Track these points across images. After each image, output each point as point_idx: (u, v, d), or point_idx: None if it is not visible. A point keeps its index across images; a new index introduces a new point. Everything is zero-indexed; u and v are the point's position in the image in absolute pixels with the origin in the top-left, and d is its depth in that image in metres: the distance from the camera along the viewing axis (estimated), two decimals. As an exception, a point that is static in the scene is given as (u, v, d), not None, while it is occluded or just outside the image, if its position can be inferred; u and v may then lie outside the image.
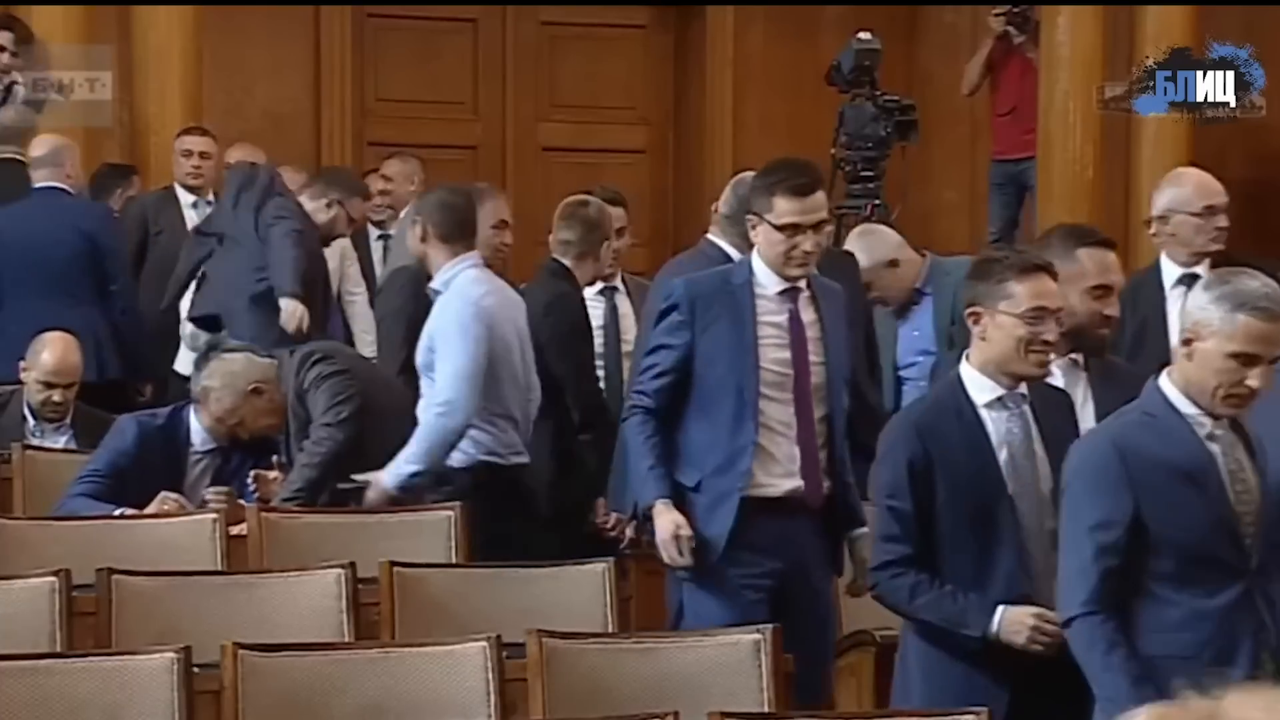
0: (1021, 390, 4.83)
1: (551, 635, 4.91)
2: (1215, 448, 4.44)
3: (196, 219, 9.32)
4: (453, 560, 6.14)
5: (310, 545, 6.10)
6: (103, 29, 10.08)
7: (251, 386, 6.70)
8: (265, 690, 4.72)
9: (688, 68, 12.34)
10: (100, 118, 9.73)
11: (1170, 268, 6.62)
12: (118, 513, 6.36)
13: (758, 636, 4.99)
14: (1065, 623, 4.47)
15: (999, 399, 4.81)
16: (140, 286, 8.94)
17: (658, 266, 7.78)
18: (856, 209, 10.02)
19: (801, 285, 5.59)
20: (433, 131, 11.71)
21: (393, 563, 5.59)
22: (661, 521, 5.53)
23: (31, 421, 7.64)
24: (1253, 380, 4.35)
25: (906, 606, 4.84)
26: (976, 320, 4.81)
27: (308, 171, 9.73)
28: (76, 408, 7.67)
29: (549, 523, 6.83)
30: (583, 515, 6.98)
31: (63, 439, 7.59)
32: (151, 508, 6.42)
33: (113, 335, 8.62)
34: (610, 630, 5.55)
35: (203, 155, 9.51)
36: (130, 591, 5.41)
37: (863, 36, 10.15)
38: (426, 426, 6.45)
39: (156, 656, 4.71)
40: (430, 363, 6.52)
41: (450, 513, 6.30)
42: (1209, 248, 6.60)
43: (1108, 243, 5.42)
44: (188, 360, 8.07)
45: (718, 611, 5.50)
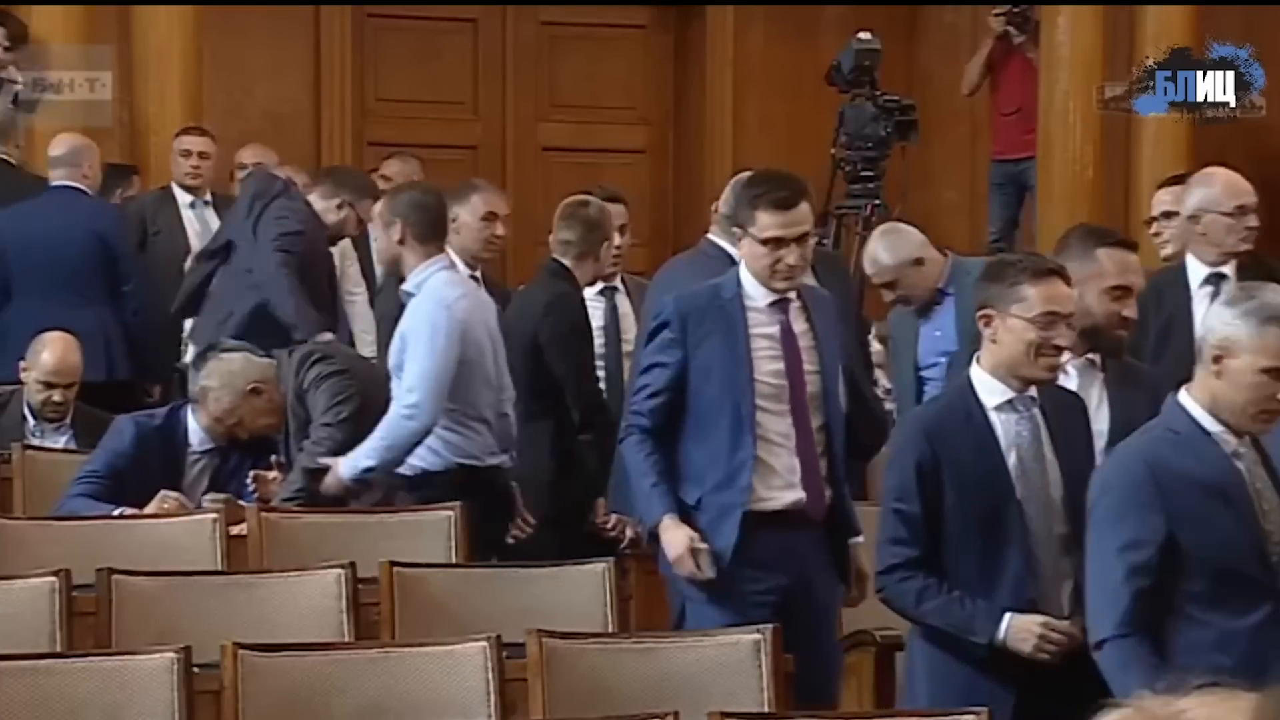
0: (1032, 393, 4.81)
1: (551, 635, 4.91)
2: (1240, 465, 4.40)
3: (194, 219, 9.32)
4: (453, 560, 6.14)
5: (310, 545, 6.10)
6: (103, 29, 10.08)
7: (250, 386, 6.70)
8: (265, 690, 4.71)
9: (688, 68, 12.33)
10: (100, 118, 9.72)
11: (1196, 267, 6.57)
12: (117, 512, 6.35)
13: (758, 636, 4.98)
14: (1097, 644, 4.39)
15: (1009, 402, 4.79)
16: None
17: (658, 266, 7.77)
18: (856, 209, 10.02)
19: (791, 296, 5.54)
20: (433, 131, 11.70)
21: (393, 563, 5.58)
22: (671, 537, 5.45)
23: (31, 421, 7.64)
24: None
25: (913, 611, 4.83)
26: (988, 322, 4.79)
27: (308, 171, 9.72)
28: (76, 408, 7.67)
29: (549, 523, 6.84)
30: (583, 515, 6.98)
31: (63, 439, 7.59)
32: (151, 506, 6.42)
33: (123, 336, 8.63)
34: (610, 630, 5.54)
35: (201, 155, 9.51)
36: (130, 591, 5.41)
37: (863, 36, 10.15)
38: (390, 425, 6.43)
39: (156, 656, 4.71)
40: (401, 363, 6.49)
41: (450, 513, 6.29)
42: (1238, 247, 6.56)
43: (1128, 243, 5.39)
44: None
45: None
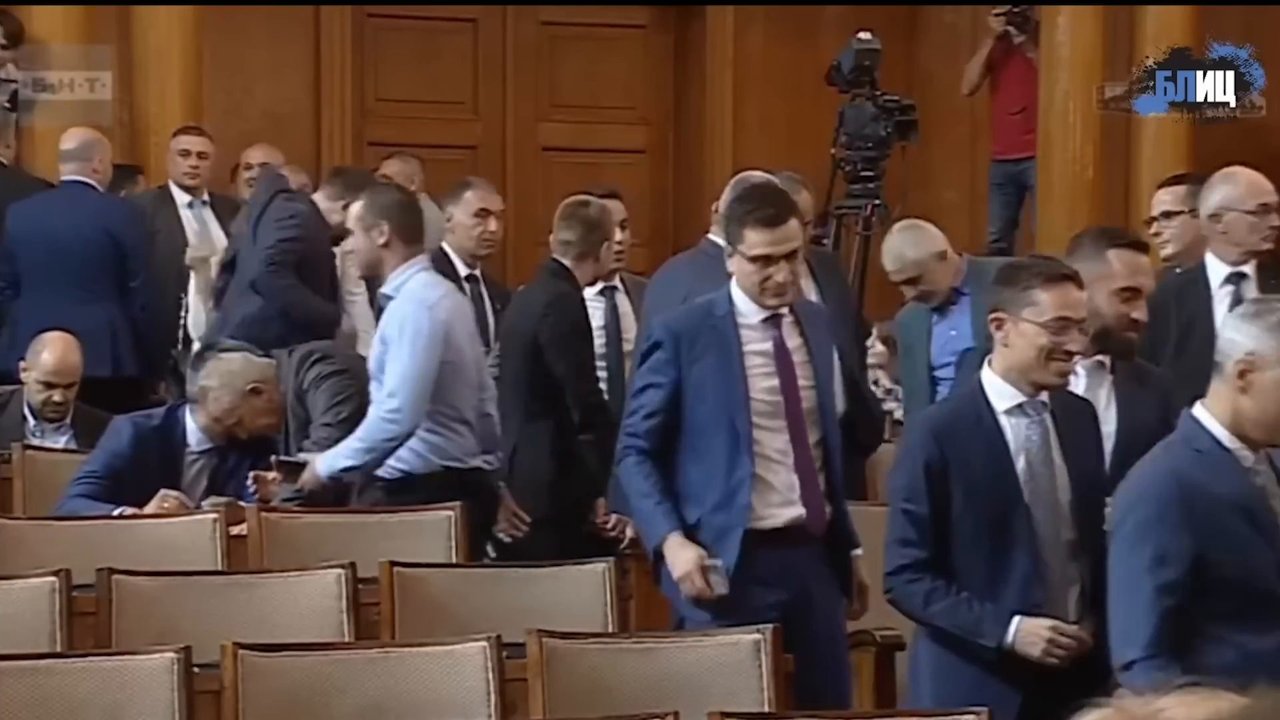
0: (1043, 398, 4.80)
1: (551, 635, 4.91)
2: (1259, 481, 4.36)
3: (192, 219, 9.33)
4: (453, 560, 6.14)
5: (310, 545, 6.09)
6: (103, 29, 10.08)
7: (250, 386, 6.69)
8: (265, 690, 4.71)
9: (688, 68, 12.33)
10: (100, 118, 9.71)
11: (1217, 266, 6.52)
12: (117, 512, 6.35)
13: (758, 636, 4.98)
14: (1125, 665, 4.31)
15: (1019, 406, 4.78)
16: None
17: (658, 266, 7.77)
18: (856, 209, 10.02)
19: (784, 310, 5.51)
20: (433, 131, 11.70)
21: (393, 563, 5.58)
22: (678, 556, 5.39)
23: (31, 421, 7.64)
24: None
25: (921, 612, 4.83)
26: (999, 326, 4.78)
27: (307, 171, 9.72)
28: (76, 408, 7.67)
29: (549, 523, 6.84)
30: (583, 515, 6.98)
31: (63, 439, 7.59)
32: (151, 505, 6.41)
33: (130, 331, 8.64)
34: (610, 630, 5.54)
35: (200, 155, 9.50)
36: (130, 591, 5.41)
37: (863, 36, 10.15)
38: (371, 428, 6.40)
39: (156, 656, 4.71)
40: (382, 365, 6.45)
41: (450, 513, 6.29)
42: (1260, 246, 6.52)
43: (1139, 245, 5.37)
44: None
45: None
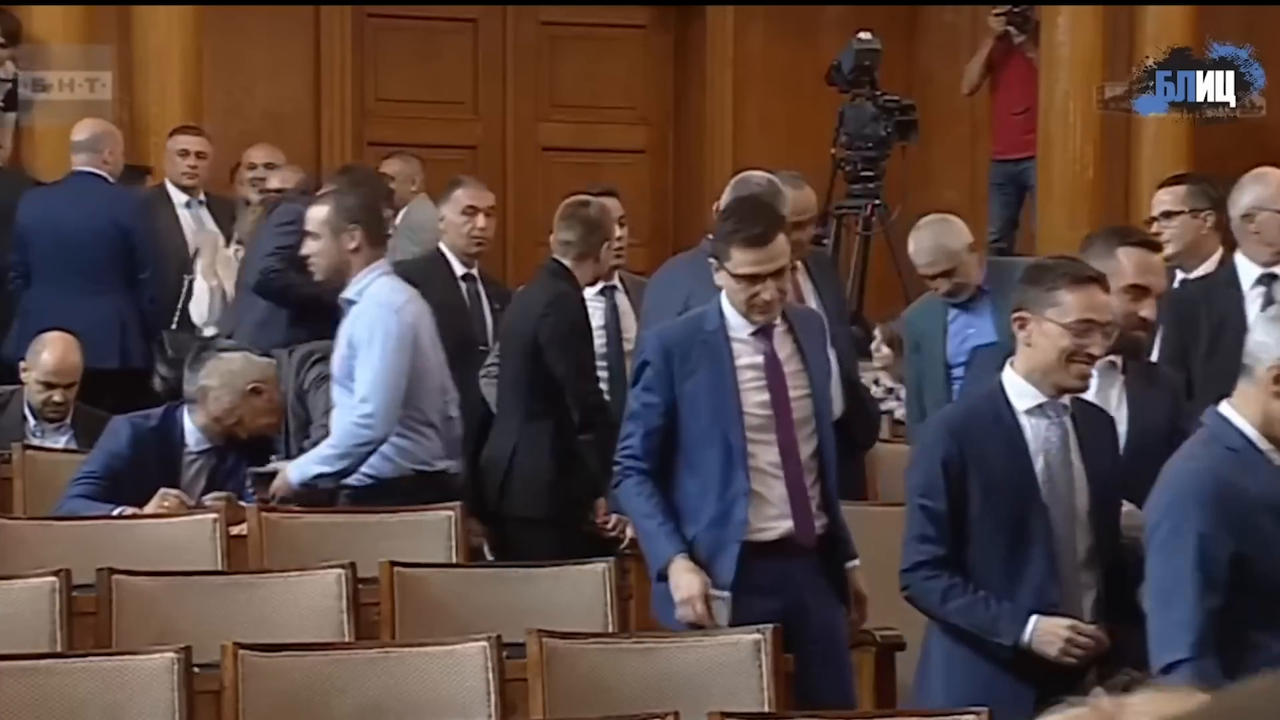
0: (1064, 401, 4.78)
1: (551, 635, 4.91)
2: None
3: (189, 218, 9.33)
4: (453, 560, 6.14)
5: (310, 545, 6.09)
6: (103, 29, 10.08)
7: (250, 386, 6.69)
8: (265, 690, 4.71)
9: (688, 68, 12.34)
10: (100, 118, 9.71)
11: (1248, 267, 6.47)
12: (117, 512, 6.35)
13: (758, 637, 4.98)
14: (1168, 667, 4.22)
15: (1039, 406, 4.77)
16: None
17: (658, 266, 7.77)
18: (856, 209, 10.04)
19: (775, 321, 5.49)
20: (433, 131, 11.70)
21: (393, 563, 5.58)
22: (684, 580, 5.37)
23: (32, 421, 7.64)
24: None
25: (938, 610, 4.82)
26: (1023, 325, 4.77)
27: (307, 172, 9.72)
28: (77, 408, 7.66)
29: (549, 523, 6.84)
30: (583, 515, 6.97)
31: (63, 439, 7.59)
32: (151, 505, 6.41)
33: (138, 323, 8.65)
34: (610, 630, 5.54)
35: (198, 155, 9.50)
36: (130, 591, 5.41)
37: (863, 36, 10.17)
38: (345, 433, 6.38)
39: (156, 656, 4.71)
40: (346, 373, 6.42)
41: (450, 513, 6.29)
42: None
43: (1150, 244, 5.35)
44: None
45: None
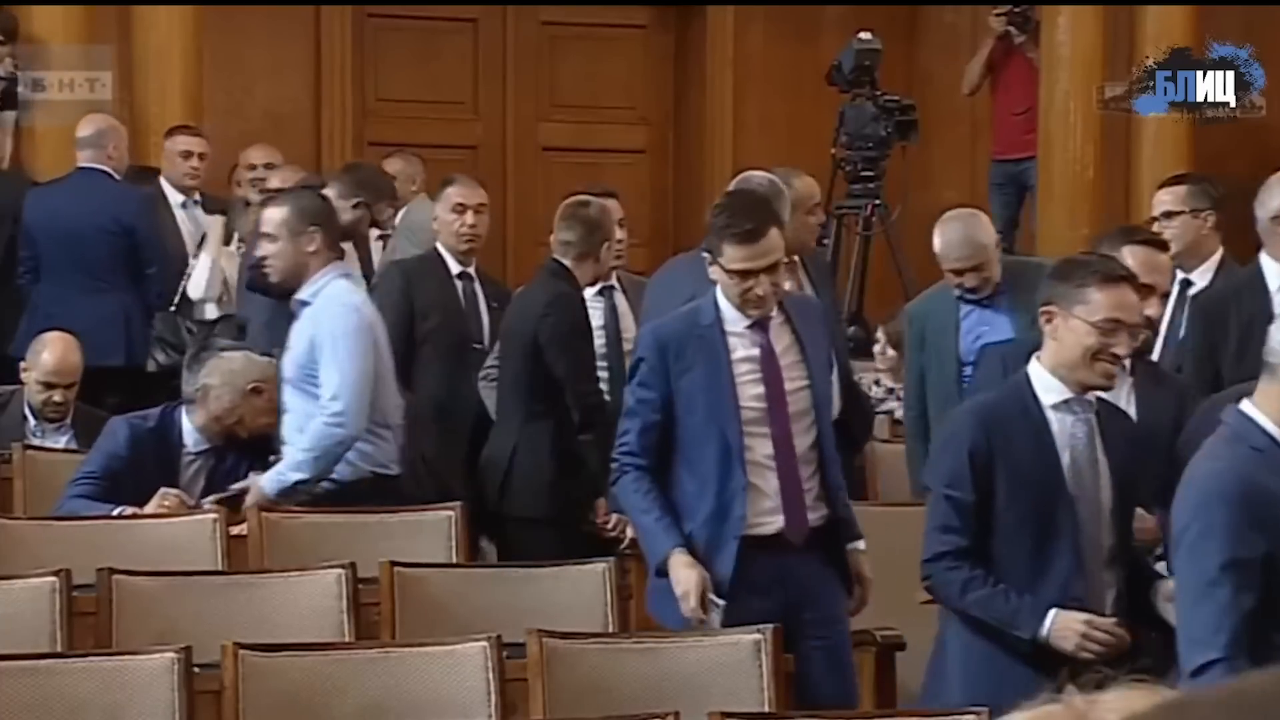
0: (1090, 398, 4.77)
1: (551, 635, 4.91)
2: None
3: (185, 219, 9.33)
4: (453, 560, 6.14)
5: (310, 545, 6.09)
6: (103, 29, 10.08)
7: (251, 385, 6.68)
8: (265, 690, 4.72)
9: (688, 68, 12.33)
10: (102, 115, 9.73)
11: (1274, 268, 6.44)
12: (116, 512, 6.34)
13: (758, 636, 4.98)
14: (1198, 669, 4.10)
15: (1065, 402, 4.76)
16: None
17: (658, 266, 7.78)
18: (856, 209, 10.04)
19: (772, 312, 5.47)
20: (433, 131, 11.70)
21: (393, 563, 5.58)
22: (684, 575, 5.36)
23: (32, 421, 7.64)
24: None
25: (957, 601, 4.81)
26: (1049, 319, 4.75)
27: (307, 172, 9.72)
28: (77, 408, 7.66)
29: (549, 523, 6.84)
30: (583, 515, 6.98)
31: (63, 439, 7.59)
32: (151, 504, 6.40)
33: (144, 320, 8.66)
34: (610, 630, 5.54)
35: (200, 156, 9.51)
36: (130, 591, 5.41)
37: (863, 36, 10.17)
38: (316, 435, 6.32)
39: (156, 656, 4.71)
40: (304, 375, 6.37)
41: (450, 513, 6.30)
42: None
43: (1156, 243, 5.35)
44: None
45: None
